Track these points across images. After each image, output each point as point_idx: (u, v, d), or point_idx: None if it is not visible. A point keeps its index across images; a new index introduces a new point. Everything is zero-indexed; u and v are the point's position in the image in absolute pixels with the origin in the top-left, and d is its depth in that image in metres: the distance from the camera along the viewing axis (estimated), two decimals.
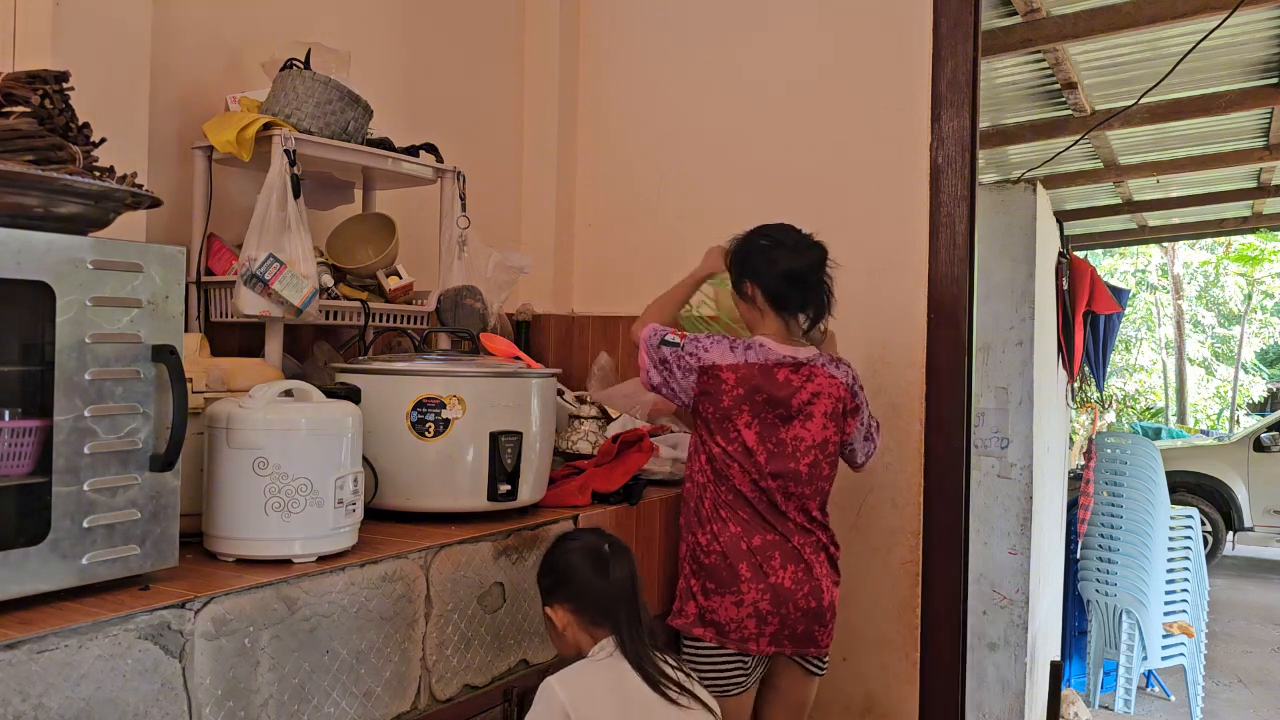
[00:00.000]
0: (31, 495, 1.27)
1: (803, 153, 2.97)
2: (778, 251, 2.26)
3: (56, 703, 1.16)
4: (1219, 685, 6.01)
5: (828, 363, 2.26)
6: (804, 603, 2.18)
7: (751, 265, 2.27)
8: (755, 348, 2.23)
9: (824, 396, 2.23)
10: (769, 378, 2.20)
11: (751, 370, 2.20)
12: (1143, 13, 3.83)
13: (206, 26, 2.30)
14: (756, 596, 2.16)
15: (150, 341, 1.36)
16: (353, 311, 2.28)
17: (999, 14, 3.92)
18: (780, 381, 2.21)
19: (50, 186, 1.29)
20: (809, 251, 2.27)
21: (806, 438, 2.22)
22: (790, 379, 2.21)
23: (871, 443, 2.38)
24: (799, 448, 2.21)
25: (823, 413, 2.23)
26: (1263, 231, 12.47)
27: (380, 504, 1.86)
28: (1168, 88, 4.57)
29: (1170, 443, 10.63)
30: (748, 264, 2.28)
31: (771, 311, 2.26)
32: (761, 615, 2.17)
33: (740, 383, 2.20)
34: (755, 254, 2.28)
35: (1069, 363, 5.77)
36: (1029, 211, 4.56)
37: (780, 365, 2.21)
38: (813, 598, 2.20)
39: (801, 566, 2.19)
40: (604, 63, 3.33)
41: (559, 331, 3.28)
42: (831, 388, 2.24)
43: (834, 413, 2.25)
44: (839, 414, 2.26)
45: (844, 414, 2.27)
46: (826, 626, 2.24)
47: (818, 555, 2.23)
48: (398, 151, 2.38)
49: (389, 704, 1.60)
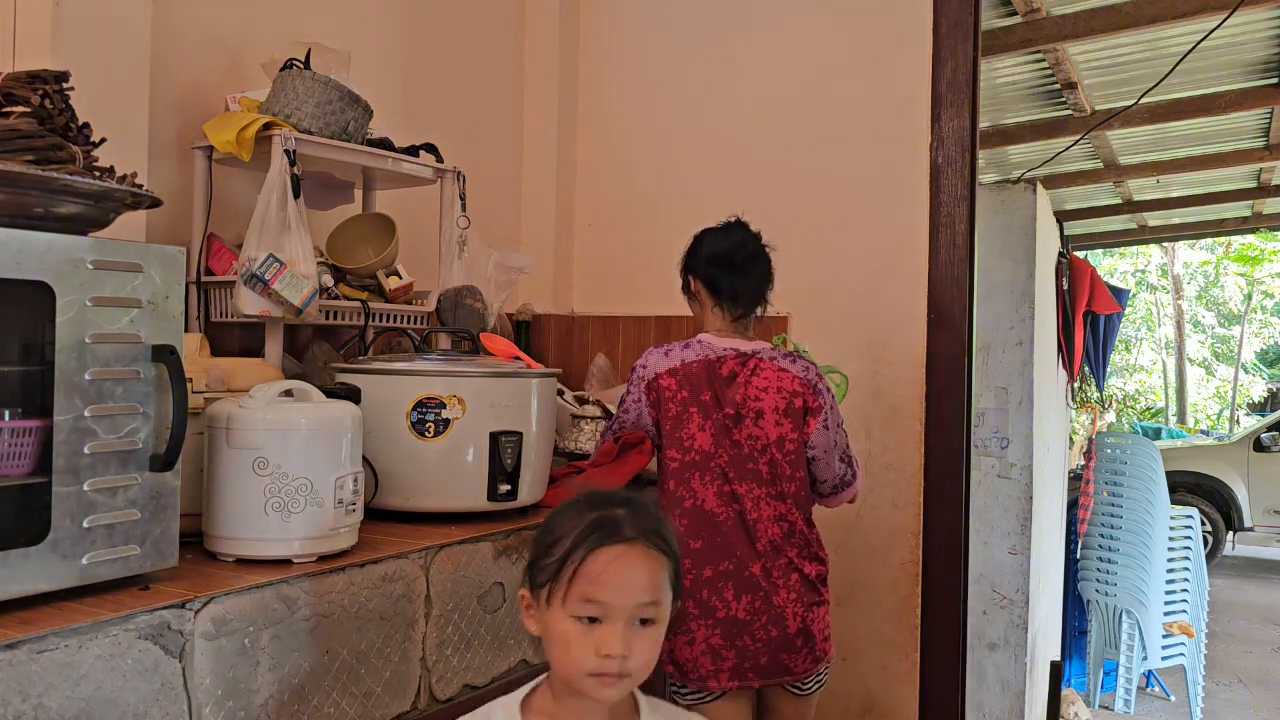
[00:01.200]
0: (31, 495, 1.27)
1: (803, 153, 2.97)
2: (705, 236, 2.23)
3: (56, 703, 1.16)
4: (1219, 685, 6.01)
5: (779, 356, 2.13)
6: (762, 633, 2.03)
7: (688, 259, 2.24)
8: (694, 345, 2.13)
9: (772, 391, 2.08)
10: (712, 374, 2.09)
11: (690, 370, 2.10)
12: (1143, 13, 3.83)
13: (206, 26, 2.30)
14: (707, 634, 2.03)
15: (150, 341, 1.36)
16: (353, 311, 2.28)
17: (999, 14, 3.92)
18: (724, 377, 2.09)
19: (50, 186, 1.29)
20: (734, 233, 2.20)
21: (761, 436, 2.07)
22: (735, 373, 2.09)
23: (848, 468, 2.17)
24: (755, 448, 2.07)
25: (773, 408, 2.07)
26: (1263, 231, 12.47)
27: (380, 504, 1.86)
28: (1168, 88, 4.57)
29: (1170, 443, 10.63)
30: (686, 260, 2.24)
31: (710, 302, 2.18)
32: (715, 651, 2.03)
33: (682, 385, 2.09)
34: (690, 247, 2.25)
35: (1069, 363, 5.77)
36: (1029, 211, 4.56)
37: (723, 360, 2.10)
38: (773, 626, 2.04)
39: (759, 595, 2.03)
40: (604, 63, 3.33)
41: (559, 331, 3.28)
42: (781, 381, 2.09)
43: (787, 409, 2.08)
44: (795, 410, 2.08)
45: (802, 412, 2.09)
46: (799, 652, 2.06)
47: (786, 577, 2.06)
48: (398, 151, 2.38)
49: (389, 704, 1.60)
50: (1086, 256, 8.06)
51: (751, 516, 2.06)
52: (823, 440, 2.12)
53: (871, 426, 2.79)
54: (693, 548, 2.05)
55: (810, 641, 2.08)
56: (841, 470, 2.17)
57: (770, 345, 2.18)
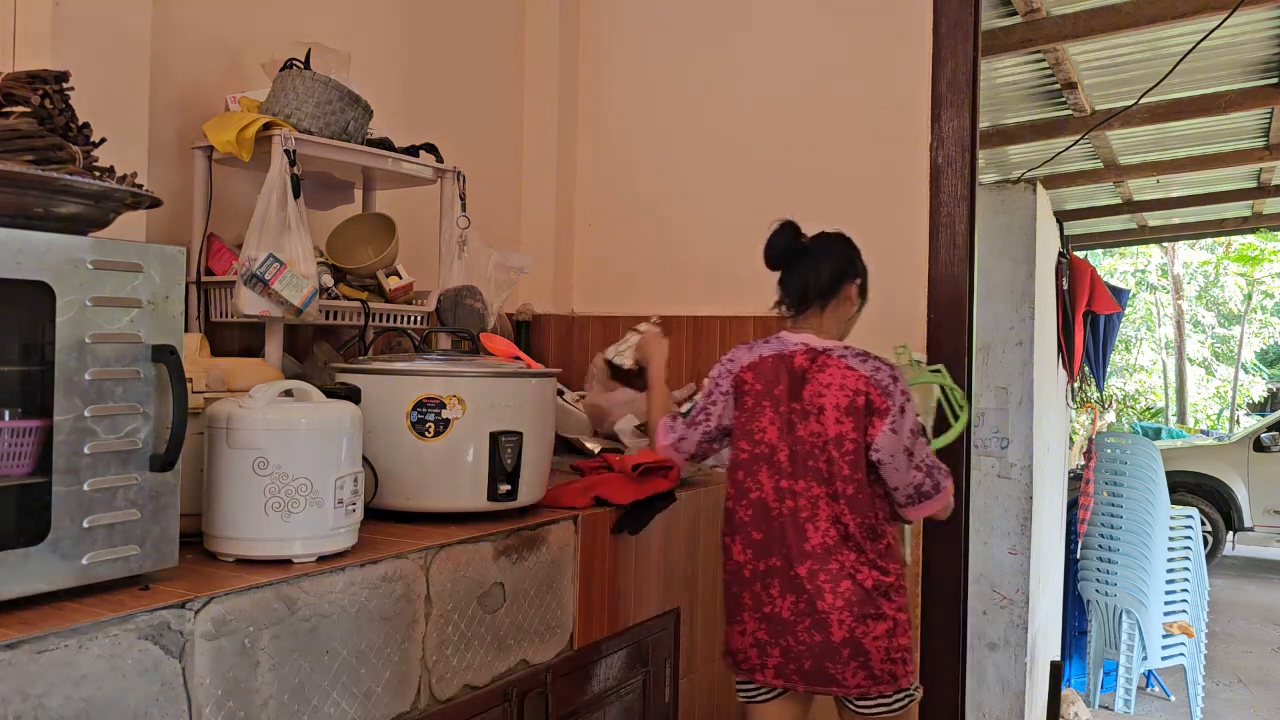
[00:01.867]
0: (31, 495, 1.27)
1: (803, 153, 2.97)
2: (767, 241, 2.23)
3: (56, 703, 1.16)
4: (1219, 685, 6.01)
5: (850, 355, 2.09)
6: (805, 636, 2.02)
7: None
8: (773, 341, 2.16)
9: (835, 388, 2.05)
10: (785, 368, 2.10)
11: (766, 364, 2.12)
12: (1143, 13, 3.83)
13: (206, 26, 2.30)
14: (755, 626, 2.07)
15: (150, 341, 1.36)
16: (353, 311, 2.28)
17: (999, 14, 3.92)
18: (795, 371, 2.10)
19: (50, 186, 1.29)
20: (773, 234, 2.20)
21: (821, 432, 2.05)
22: (805, 368, 2.09)
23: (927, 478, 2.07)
24: (815, 444, 2.05)
25: (834, 405, 2.04)
26: (1263, 231, 12.47)
27: (380, 504, 1.86)
28: (1168, 88, 4.57)
29: (1170, 443, 10.63)
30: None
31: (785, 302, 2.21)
32: (761, 645, 2.06)
33: (758, 378, 2.12)
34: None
35: (1069, 363, 5.77)
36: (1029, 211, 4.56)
37: (794, 355, 2.11)
38: (816, 631, 2.01)
39: (803, 598, 2.02)
40: (604, 63, 3.33)
41: (559, 331, 3.28)
42: (846, 379, 2.05)
43: (849, 407, 2.03)
44: (856, 409, 2.03)
45: (865, 411, 2.03)
46: (847, 664, 2.00)
47: (835, 583, 2.01)
48: (398, 151, 2.38)
49: (389, 704, 1.60)
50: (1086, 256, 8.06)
51: (804, 515, 2.05)
52: (888, 444, 2.03)
53: None
54: (754, 539, 2.08)
55: (862, 656, 2.01)
56: (917, 479, 2.07)
57: (843, 344, 2.14)
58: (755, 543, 2.08)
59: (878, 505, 2.08)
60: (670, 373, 3.13)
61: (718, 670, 2.61)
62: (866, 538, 2.04)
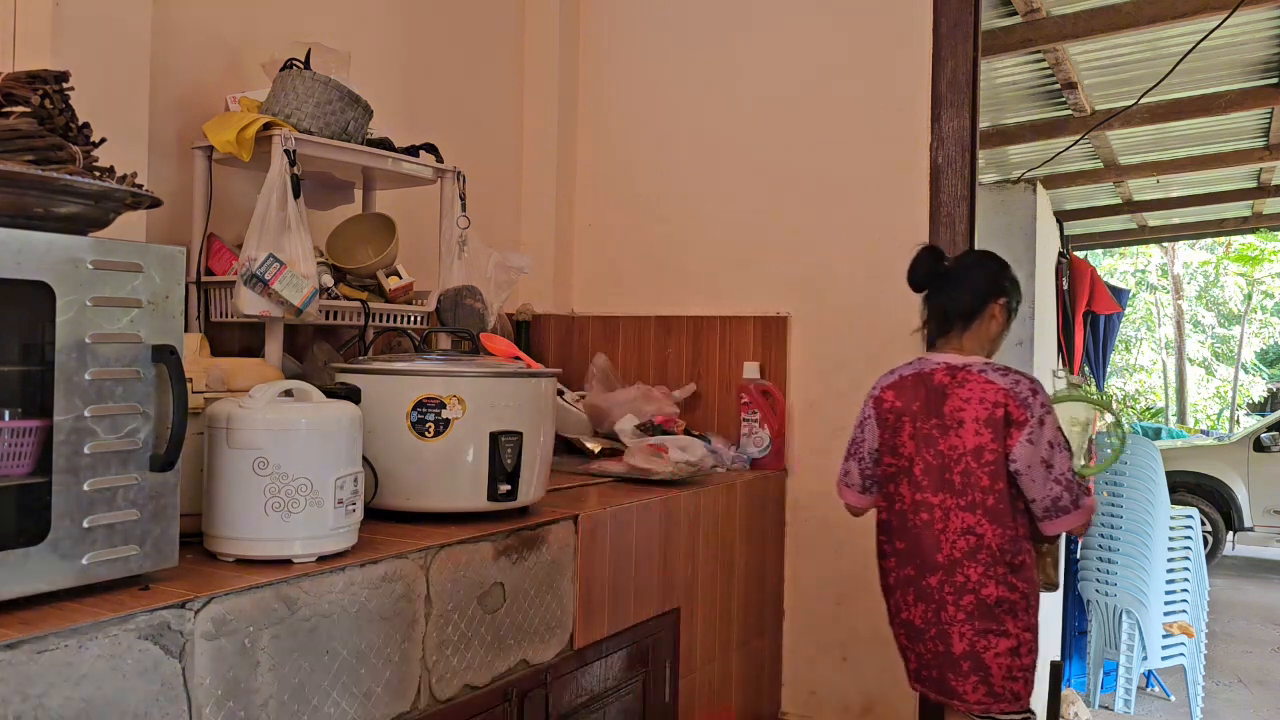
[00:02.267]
0: (31, 495, 1.27)
1: (802, 153, 2.97)
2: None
3: (56, 703, 1.16)
4: (1219, 685, 6.01)
5: (990, 369, 2.15)
6: (932, 645, 2.14)
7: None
8: (915, 362, 2.27)
9: (975, 401, 2.11)
10: (926, 385, 2.19)
11: (906, 382, 2.23)
12: (1143, 13, 3.83)
13: (206, 26, 2.30)
14: (897, 631, 2.25)
15: (150, 341, 1.36)
16: (353, 311, 2.28)
17: (999, 14, 3.92)
18: (935, 387, 2.18)
19: (50, 186, 1.29)
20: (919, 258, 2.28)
21: (959, 445, 2.11)
22: (945, 385, 2.17)
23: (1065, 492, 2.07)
24: (951, 457, 2.12)
25: (973, 418, 2.11)
26: (1263, 231, 12.47)
27: (380, 504, 1.86)
28: (1168, 88, 4.57)
29: (1170, 443, 10.62)
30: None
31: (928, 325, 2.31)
32: (903, 649, 2.25)
33: (899, 396, 2.23)
34: None
35: (1069, 362, 5.77)
36: (1029, 211, 4.57)
37: (934, 373, 2.20)
38: (939, 641, 2.12)
39: (931, 607, 2.13)
40: (604, 63, 3.33)
41: (559, 331, 3.28)
42: (985, 392, 2.11)
43: (988, 419, 2.09)
44: (995, 420, 2.08)
45: (1004, 422, 2.08)
46: (967, 677, 2.08)
47: (959, 596, 2.09)
48: (398, 151, 2.38)
49: (389, 704, 1.60)
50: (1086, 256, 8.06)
51: (938, 526, 2.13)
52: (1026, 454, 2.07)
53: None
54: (898, 548, 2.22)
55: (983, 672, 2.07)
56: (1055, 492, 2.08)
57: (984, 360, 2.20)
58: (898, 552, 2.22)
59: (1019, 519, 2.11)
60: (670, 373, 3.14)
61: (718, 670, 2.61)
62: (1000, 552, 2.08)
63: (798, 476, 2.93)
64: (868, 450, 2.30)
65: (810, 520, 2.91)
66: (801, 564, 2.93)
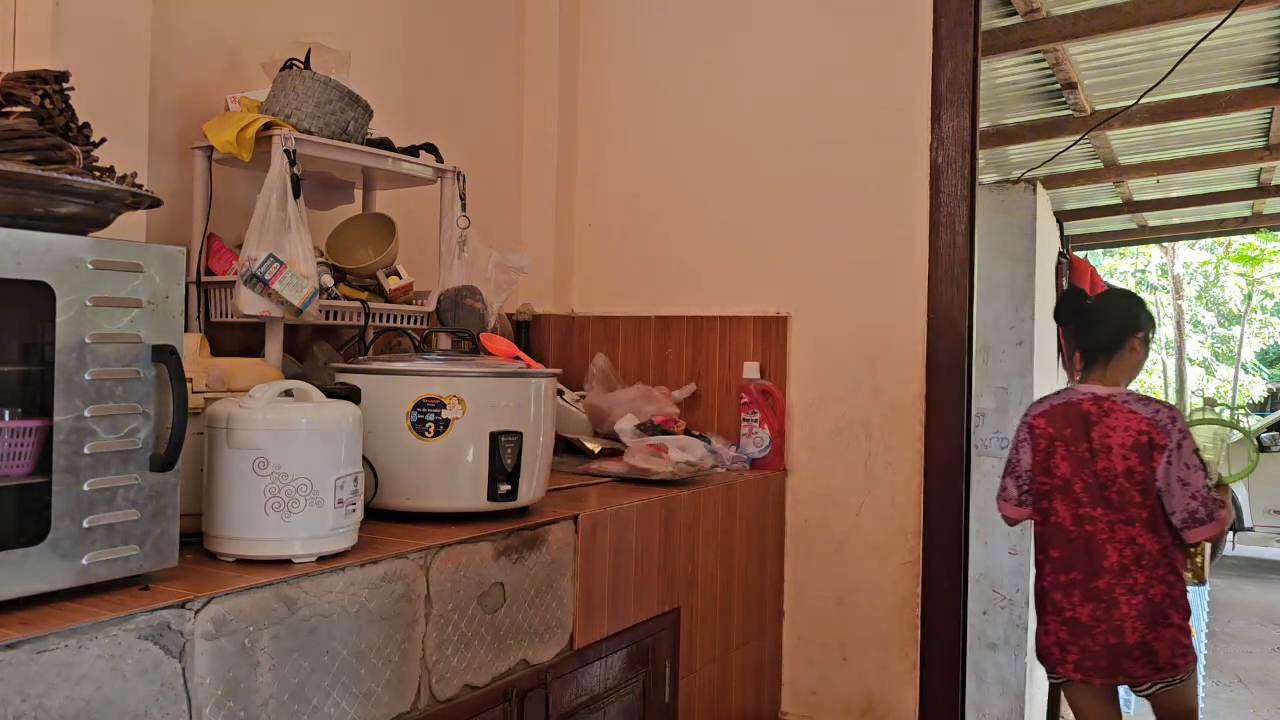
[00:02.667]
0: (31, 495, 1.27)
1: (802, 153, 2.97)
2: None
3: (56, 703, 1.16)
4: (1219, 685, 6.01)
5: (1133, 400, 2.53)
6: (1102, 639, 2.50)
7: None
8: (1064, 392, 2.64)
9: (1120, 430, 2.49)
10: (1072, 415, 2.57)
11: (1056, 411, 2.61)
12: (1143, 13, 3.83)
13: (206, 26, 2.30)
14: (1057, 629, 2.58)
15: (150, 341, 1.36)
16: (353, 311, 2.28)
17: (999, 14, 3.92)
18: (1083, 415, 2.56)
19: (50, 186, 1.29)
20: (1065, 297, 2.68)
21: (1110, 468, 2.50)
22: (1090, 413, 2.55)
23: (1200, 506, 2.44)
24: (1106, 478, 2.50)
25: (1120, 444, 2.49)
26: (1263, 231, 12.46)
27: (380, 504, 1.86)
28: (1168, 88, 4.57)
29: None
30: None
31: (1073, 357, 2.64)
32: (1062, 644, 2.58)
33: (1050, 423, 2.61)
34: None
35: (1069, 363, 5.76)
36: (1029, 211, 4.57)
37: (1082, 401, 2.58)
38: (1112, 635, 2.48)
39: (1101, 606, 2.49)
40: (604, 63, 3.33)
41: (559, 331, 3.28)
42: (1129, 421, 2.49)
43: (1134, 445, 2.47)
44: (1141, 446, 2.47)
45: (1148, 447, 2.46)
46: (1138, 661, 2.48)
47: (1130, 597, 2.46)
48: (398, 151, 2.38)
49: (389, 704, 1.60)
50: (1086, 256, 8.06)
51: (1101, 538, 2.51)
52: (1165, 474, 2.46)
53: (871, 426, 2.79)
54: (1052, 555, 2.60)
55: (1151, 656, 2.49)
56: (1192, 506, 2.45)
57: (1126, 390, 2.58)
58: (1054, 559, 2.58)
59: (1169, 529, 2.49)
60: (670, 373, 3.14)
61: (718, 670, 2.61)
62: (1158, 557, 2.47)
63: (798, 476, 2.93)
64: (1023, 469, 2.67)
65: (810, 520, 2.91)
66: (801, 564, 2.93)
